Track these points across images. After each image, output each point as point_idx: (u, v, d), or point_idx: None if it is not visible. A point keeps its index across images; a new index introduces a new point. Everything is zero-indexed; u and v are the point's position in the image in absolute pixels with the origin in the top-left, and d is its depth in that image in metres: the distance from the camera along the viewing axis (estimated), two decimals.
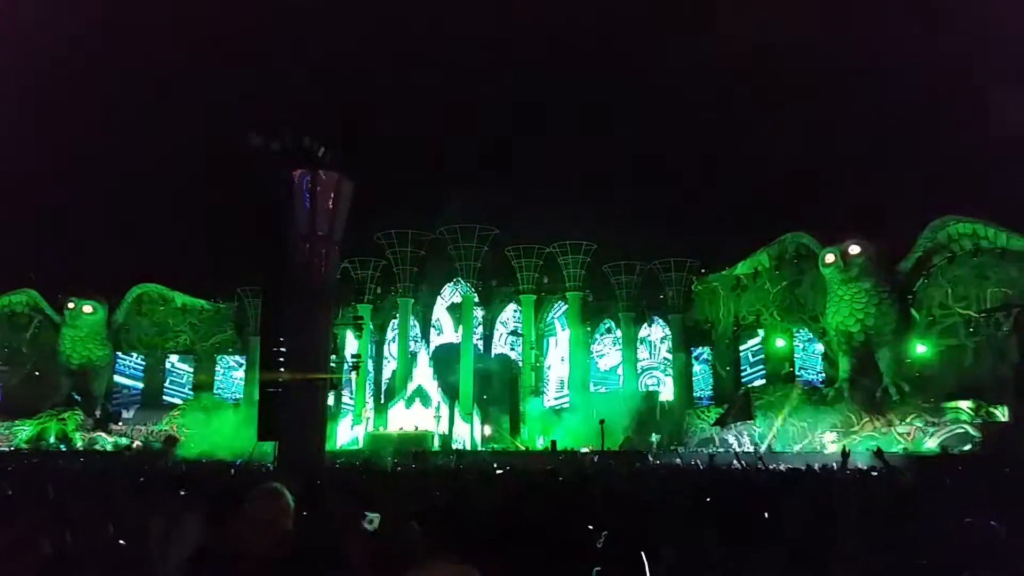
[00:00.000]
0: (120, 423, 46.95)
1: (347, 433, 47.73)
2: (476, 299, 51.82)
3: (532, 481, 12.27)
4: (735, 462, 15.73)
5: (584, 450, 37.68)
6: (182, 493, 8.13)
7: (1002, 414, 35.11)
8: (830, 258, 38.32)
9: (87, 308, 46.85)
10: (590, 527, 5.18)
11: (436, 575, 3.22)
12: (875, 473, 13.80)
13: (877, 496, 7.83)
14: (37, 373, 48.38)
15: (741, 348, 47.55)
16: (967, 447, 32.80)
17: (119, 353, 50.49)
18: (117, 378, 50.90)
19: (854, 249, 37.73)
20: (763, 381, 44.82)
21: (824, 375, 43.27)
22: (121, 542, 5.19)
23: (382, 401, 51.26)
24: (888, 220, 38.63)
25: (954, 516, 5.10)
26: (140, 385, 51.97)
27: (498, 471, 17.03)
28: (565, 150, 52.32)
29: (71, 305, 46.56)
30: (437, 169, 51.79)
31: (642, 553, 4.78)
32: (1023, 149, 35.20)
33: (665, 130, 50.23)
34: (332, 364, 30.33)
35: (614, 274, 49.64)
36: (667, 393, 48.88)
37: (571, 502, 7.25)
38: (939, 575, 4.02)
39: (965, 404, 35.71)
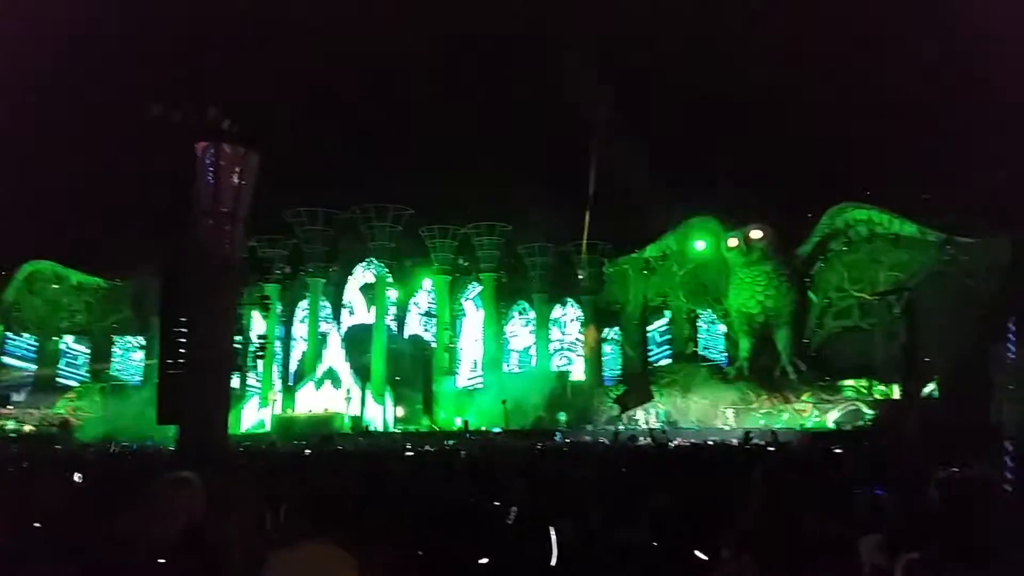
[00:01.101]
0: (10, 407, 44.63)
1: (253, 416, 46.64)
2: (390, 279, 51.23)
3: (442, 460, 12.29)
4: (643, 438, 16.13)
5: (496, 430, 37.93)
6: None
7: (891, 393, 37.06)
8: (733, 242, 39.60)
9: None
10: (497, 504, 5.21)
11: (300, 558, 3.15)
12: (771, 448, 14.40)
13: (771, 469, 8.13)
14: None
15: (648, 328, 48.56)
16: (860, 423, 34.53)
17: (9, 334, 48.06)
18: (6, 360, 48.41)
19: (756, 234, 39.11)
20: (669, 360, 45.96)
21: (727, 355, 44.67)
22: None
23: (291, 383, 50.25)
24: (788, 206, 40.03)
25: (844, 487, 5.35)
26: (33, 367, 49.43)
27: (408, 452, 17.01)
28: (482, 132, 51.96)
29: None
30: (351, 146, 50.59)
31: (550, 527, 4.84)
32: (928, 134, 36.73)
33: (578, 115, 50.50)
34: (237, 345, 29.60)
35: (528, 255, 49.88)
36: (578, 373, 49.57)
37: (480, 481, 7.28)
38: (831, 544, 4.21)
39: (854, 382, 37.60)
